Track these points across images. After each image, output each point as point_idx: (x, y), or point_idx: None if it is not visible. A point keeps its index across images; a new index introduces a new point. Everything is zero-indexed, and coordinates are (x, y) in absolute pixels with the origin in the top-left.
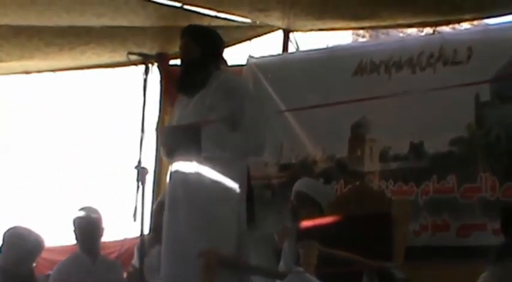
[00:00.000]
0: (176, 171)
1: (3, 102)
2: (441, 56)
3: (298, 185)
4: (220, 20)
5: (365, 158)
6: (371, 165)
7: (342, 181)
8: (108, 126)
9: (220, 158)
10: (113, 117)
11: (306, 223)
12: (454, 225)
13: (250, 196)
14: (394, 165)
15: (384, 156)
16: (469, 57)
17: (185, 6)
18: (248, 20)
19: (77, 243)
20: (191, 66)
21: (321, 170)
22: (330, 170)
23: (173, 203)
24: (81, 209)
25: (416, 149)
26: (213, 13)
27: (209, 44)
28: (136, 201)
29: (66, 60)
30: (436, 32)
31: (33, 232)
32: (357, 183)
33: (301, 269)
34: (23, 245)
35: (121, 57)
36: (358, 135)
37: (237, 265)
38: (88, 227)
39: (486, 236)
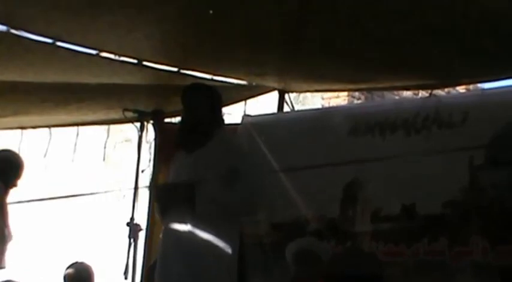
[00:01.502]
0: (169, 229)
1: None
2: (436, 118)
3: (300, 244)
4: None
5: (356, 219)
6: (362, 225)
7: (334, 241)
8: (101, 181)
9: (213, 216)
10: (105, 173)
11: None
12: None
13: (242, 255)
14: (385, 226)
15: (375, 217)
16: (464, 120)
17: (182, 71)
18: (244, 82)
19: None
20: (195, 124)
21: (313, 230)
22: (321, 230)
23: (165, 260)
24: (72, 265)
25: (408, 210)
26: (209, 76)
27: (214, 102)
28: (128, 258)
29: (61, 116)
30: (431, 95)
31: None
32: (348, 243)
33: None
34: None
35: (116, 114)
36: (350, 196)
37: None
38: None
39: None
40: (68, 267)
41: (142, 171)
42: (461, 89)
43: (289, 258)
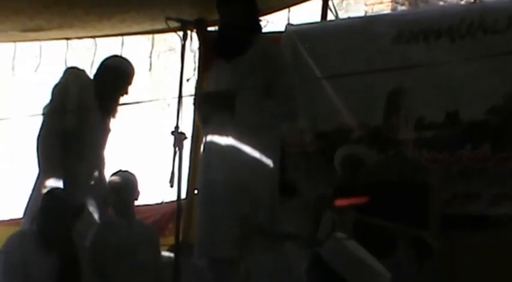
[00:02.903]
0: (210, 138)
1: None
2: (481, 24)
3: (349, 150)
4: None
5: (400, 126)
6: (406, 133)
7: (376, 149)
8: (145, 90)
9: (253, 125)
10: (150, 82)
11: (342, 191)
12: (486, 195)
13: (283, 164)
14: (428, 133)
15: (419, 125)
16: (509, 26)
17: None
18: None
19: (111, 206)
20: (234, 32)
21: (356, 138)
22: (364, 138)
23: (207, 169)
24: (116, 173)
25: (452, 117)
26: None
27: (252, 10)
28: (173, 167)
29: (105, 28)
30: (476, 1)
31: (72, 195)
32: (391, 151)
33: (341, 234)
34: (62, 208)
35: (160, 24)
36: (393, 104)
37: (270, 233)
38: (123, 191)
39: None
40: (111, 176)
41: (188, 80)
42: None
43: (337, 163)
